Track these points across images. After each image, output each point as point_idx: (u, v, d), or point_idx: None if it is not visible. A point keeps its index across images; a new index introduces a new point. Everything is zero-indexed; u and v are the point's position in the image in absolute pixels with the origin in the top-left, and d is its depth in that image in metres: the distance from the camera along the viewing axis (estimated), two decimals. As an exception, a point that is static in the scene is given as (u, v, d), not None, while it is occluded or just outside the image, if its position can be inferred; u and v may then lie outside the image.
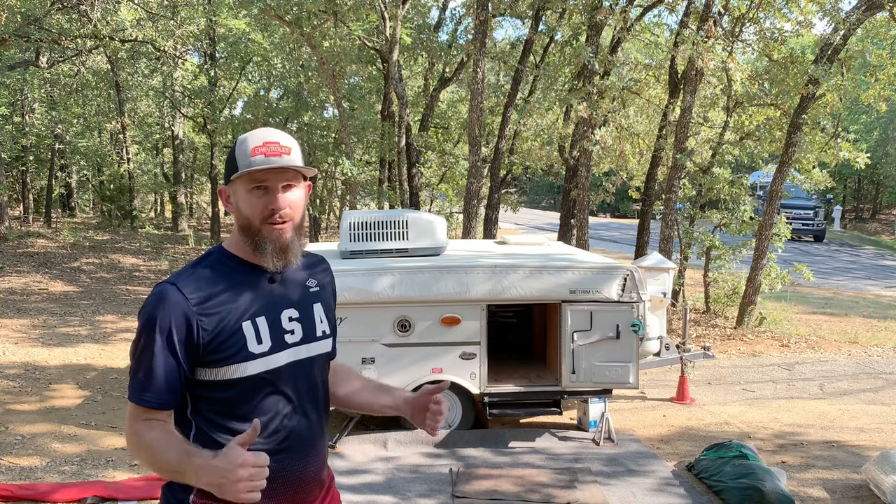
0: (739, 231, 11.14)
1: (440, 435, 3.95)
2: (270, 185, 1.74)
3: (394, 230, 6.02)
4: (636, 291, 5.73)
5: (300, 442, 1.82)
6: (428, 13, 16.74)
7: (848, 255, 21.39)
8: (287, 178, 1.76)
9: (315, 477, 1.88)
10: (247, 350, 1.74)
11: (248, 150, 1.74)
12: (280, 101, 23.08)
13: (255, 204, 1.74)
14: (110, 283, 13.82)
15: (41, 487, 4.64)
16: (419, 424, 1.94)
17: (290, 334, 1.82)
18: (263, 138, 1.75)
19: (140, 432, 1.69)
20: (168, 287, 1.72)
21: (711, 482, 4.87)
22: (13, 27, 14.27)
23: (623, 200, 29.27)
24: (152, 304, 1.71)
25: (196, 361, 1.72)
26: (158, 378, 1.69)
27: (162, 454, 1.65)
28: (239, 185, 1.76)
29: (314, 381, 1.89)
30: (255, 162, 1.72)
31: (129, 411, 1.74)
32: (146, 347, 1.69)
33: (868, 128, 29.23)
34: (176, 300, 1.69)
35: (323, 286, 1.97)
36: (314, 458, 1.87)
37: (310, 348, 1.86)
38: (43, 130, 21.28)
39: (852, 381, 8.02)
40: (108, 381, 7.41)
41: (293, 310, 1.84)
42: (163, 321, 1.68)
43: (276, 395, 1.79)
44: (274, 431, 1.78)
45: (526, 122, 13.85)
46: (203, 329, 1.70)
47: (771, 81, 11.11)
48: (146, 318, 1.70)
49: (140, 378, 1.70)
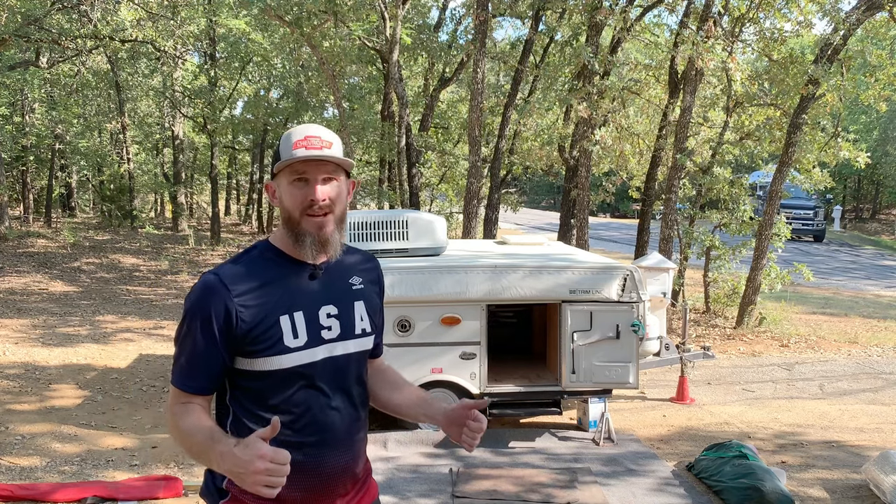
0: (739, 231, 11.14)
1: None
2: (310, 176, 1.78)
3: (394, 230, 6.02)
4: (636, 291, 5.74)
5: (332, 436, 1.84)
6: (428, 13, 16.75)
7: (848, 255, 21.40)
8: (327, 170, 1.79)
9: (348, 471, 1.89)
10: (282, 343, 1.77)
11: (290, 143, 1.78)
12: (280, 101, 23.10)
13: (296, 195, 1.78)
14: (110, 283, 13.83)
15: (41, 487, 4.64)
16: (454, 438, 1.94)
17: (328, 330, 1.84)
18: (305, 132, 1.80)
19: (178, 414, 1.76)
20: (211, 277, 1.77)
21: (711, 482, 4.87)
22: (13, 27, 14.28)
23: (623, 200, 29.28)
24: (196, 293, 1.77)
25: (235, 350, 1.77)
26: (198, 365, 1.76)
27: (192, 437, 1.71)
28: (282, 178, 1.80)
29: (350, 377, 1.90)
30: (296, 154, 1.77)
31: (170, 394, 1.81)
32: (188, 334, 1.76)
33: (868, 128, 29.23)
34: (217, 290, 1.75)
35: (367, 284, 1.99)
36: (347, 453, 1.88)
37: (346, 345, 1.88)
38: (43, 130, 21.27)
39: (852, 381, 8.02)
40: (108, 381, 7.41)
41: (332, 306, 1.86)
42: (204, 310, 1.74)
43: (309, 388, 1.81)
44: (306, 424, 1.80)
45: (526, 122, 13.85)
46: (242, 320, 1.74)
47: (771, 81, 11.11)
48: (189, 306, 1.77)
49: (182, 363, 1.78)
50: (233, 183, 32.99)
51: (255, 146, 25.51)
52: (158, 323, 10.43)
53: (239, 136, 25.76)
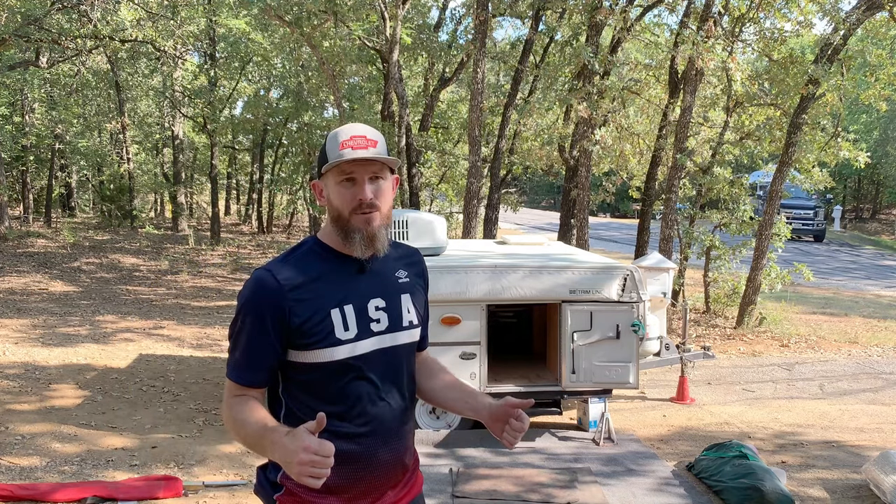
0: (739, 231, 11.15)
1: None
2: (358, 176, 1.83)
3: (394, 230, 6.02)
4: (636, 291, 5.73)
5: (383, 427, 1.88)
6: (428, 13, 16.75)
7: (848, 255, 21.40)
8: (373, 169, 1.84)
9: (398, 461, 1.93)
10: (334, 336, 1.82)
11: (337, 144, 1.83)
12: (280, 101, 23.10)
13: (345, 195, 1.83)
14: (110, 283, 13.83)
15: (41, 487, 4.64)
16: (496, 434, 1.96)
17: (377, 323, 1.89)
18: (351, 133, 1.84)
19: (233, 406, 1.81)
20: (264, 273, 1.82)
21: (711, 482, 4.87)
22: (13, 27, 14.28)
23: (623, 200, 29.29)
24: (250, 288, 1.82)
25: (288, 343, 1.82)
26: (253, 358, 1.81)
27: (246, 428, 1.75)
28: (330, 177, 1.85)
29: (399, 368, 1.94)
30: (343, 155, 1.81)
31: (226, 388, 1.86)
32: (242, 329, 1.81)
33: (868, 127, 29.23)
34: (271, 285, 1.80)
35: (413, 277, 2.04)
36: (397, 443, 1.92)
37: (395, 337, 1.92)
38: (43, 130, 21.28)
39: (852, 381, 8.02)
40: (108, 381, 7.41)
41: (380, 299, 1.91)
42: (258, 305, 1.79)
43: (360, 380, 1.85)
44: (357, 415, 1.85)
45: (526, 122, 13.85)
46: (294, 314, 1.79)
47: (771, 81, 11.11)
48: (244, 301, 1.82)
49: (236, 357, 1.83)
50: (233, 183, 32.99)
51: (255, 146, 25.52)
52: (158, 323, 10.43)
53: (239, 136, 25.77)
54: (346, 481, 1.83)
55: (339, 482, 1.82)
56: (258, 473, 1.95)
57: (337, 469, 1.79)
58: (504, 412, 1.93)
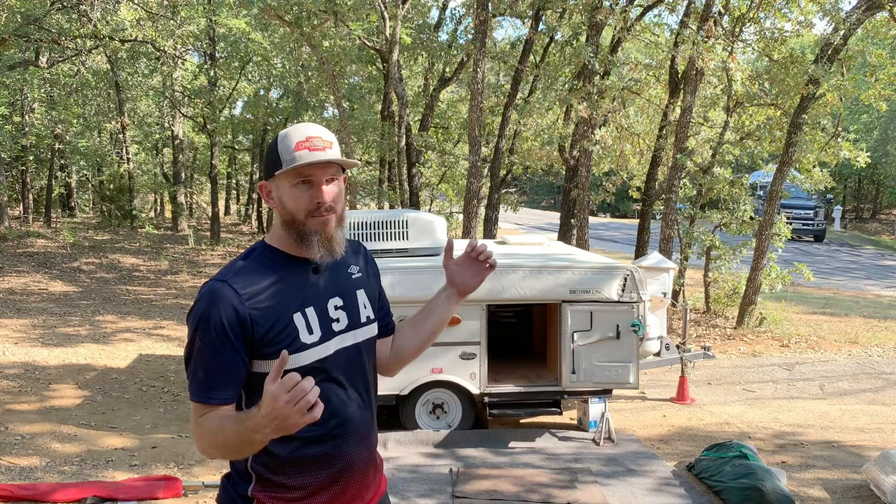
0: (739, 231, 11.14)
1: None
2: (315, 179, 1.77)
3: (394, 230, 6.02)
4: (636, 291, 5.73)
5: (354, 426, 1.86)
6: (428, 13, 16.74)
7: (848, 255, 21.39)
8: (330, 171, 1.79)
9: (370, 459, 1.92)
10: (299, 341, 1.76)
11: (291, 145, 1.75)
12: (280, 101, 23.09)
13: (300, 198, 1.77)
14: (110, 283, 13.82)
15: (41, 487, 4.64)
16: (475, 280, 2.03)
17: (337, 322, 1.85)
18: (305, 133, 1.77)
19: (203, 423, 1.70)
20: (218, 284, 1.73)
21: (711, 482, 4.87)
22: (13, 27, 14.27)
23: (623, 200, 29.29)
24: (204, 302, 1.71)
25: (252, 354, 1.74)
26: (219, 373, 1.70)
27: (222, 435, 1.66)
28: (283, 179, 1.78)
29: (362, 366, 1.92)
30: (300, 157, 1.74)
31: (192, 412, 1.74)
32: (203, 346, 1.70)
33: (868, 127, 29.22)
34: (228, 296, 1.71)
35: (364, 270, 2.01)
36: (367, 441, 1.91)
37: (356, 334, 1.90)
38: (43, 130, 21.27)
39: (852, 381, 8.02)
40: (107, 381, 7.40)
41: (338, 298, 1.88)
42: (217, 317, 1.69)
43: (327, 382, 1.81)
44: (329, 418, 1.80)
45: (526, 122, 13.84)
46: (256, 323, 1.72)
47: (771, 81, 11.11)
48: (200, 317, 1.70)
49: (200, 378, 1.71)
50: (232, 183, 33.00)
51: (255, 146, 25.52)
52: (158, 323, 10.43)
53: (239, 136, 25.77)
54: (322, 485, 1.80)
55: (315, 487, 1.79)
56: (222, 483, 1.87)
57: (312, 473, 1.79)
58: (460, 264, 2.02)
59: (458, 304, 2.10)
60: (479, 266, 2.04)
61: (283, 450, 1.76)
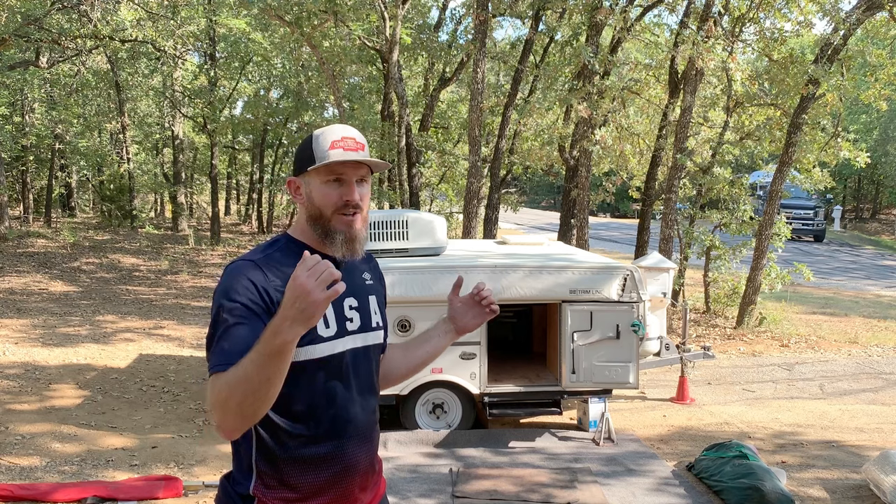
0: (739, 231, 11.14)
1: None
2: (347, 177, 1.81)
3: (394, 230, 6.02)
4: (636, 291, 5.73)
5: (356, 427, 1.86)
6: (428, 13, 16.75)
7: (848, 255, 21.39)
8: (362, 172, 1.84)
9: (370, 461, 1.93)
10: (315, 332, 1.76)
11: (326, 143, 1.80)
12: (280, 101, 23.10)
13: (330, 195, 1.80)
14: (110, 283, 13.82)
15: (41, 487, 4.64)
16: (475, 322, 2.09)
17: (350, 322, 1.87)
18: (342, 133, 1.82)
19: (222, 377, 1.59)
20: (245, 262, 1.74)
21: (711, 482, 4.87)
22: (13, 27, 14.27)
23: (623, 200, 29.25)
24: (233, 275, 1.71)
25: None
26: (242, 344, 1.60)
27: (242, 367, 1.55)
28: (314, 176, 1.81)
29: (369, 369, 1.94)
30: (334, 155, 1.78)
31: (210, 384, 1.63)
32: (228, 318, 1.65)
33: (868, 127, 29.21)
34: (255, 273, 1.71)
35: (375, 280, 2.04)
36: (369, 444, 1.92)
37: (366, 337, 1.91)
38: (43, 130, 21.27)
39: (852, 381, 8.02)
40: (108, 381, 7.40)
41: (353, 298, 1.89)
42: (245, 292, 1.67)
43: (335, 380, 1.82)
44: (333, 417, 1.82)
45: (526, 122, 13.84)
46: (278, 303, 1.63)
47: (771, 81, 11.11)
48: (228, 292, 1.68)
49: (222, 347, 1.62)
50: (233, 183, 33.01)
51: (255, 146, 25.53)
52: (158, 323, 10.43)
53: (239, 136, 25.78)
54: (323, 485, 1.80)
55: (315, 486, 1.80)
56: (221, 483, 1.86)
57: (313, 473, 1.79)
58: (464, 304, 2.07)
59: (455, 340, 2.14)
60: (480, 309, 2.10)
61: (285, 449, 1.77)
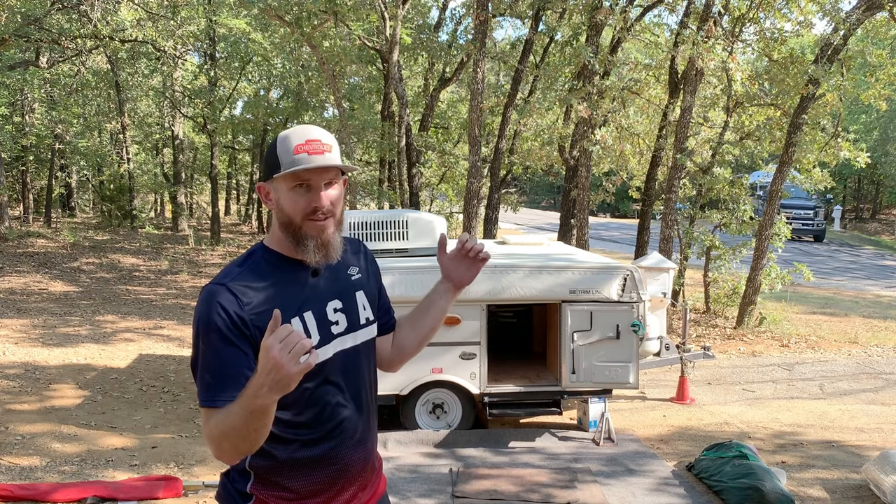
0: (739, 231, 11.14)
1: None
2: (314, 183, 1.75)
3: (394, 230, 6.02)
4: (636, 291, 5.73)
5: (350, 429, 1.86)
6: (428, 13, 16.76)
7: (848, 255, 21.40)
8: (329, 176, 1.77)
9: (367, 461, 1.92)
10: None
11: (290, 147, 1.74)
12: (280, 101, 23.10)
13: (298, 201, 1.75)
14: (110, 283, 13.82)
15: (41, 487, 4.64)
16: (470, 274, 2.06)
17: (336, 325, 1.85)
18: (305, 136, 1.75)
19: (212, 425, 1.63)
20: (217, 287, 1.71)
21: (711, 482, 4.87)
22: (13, 27, 14.27)
23: (623, 200, 29.26)
24: (205, 306, 1.70)
25: (255, 357, 1.66)
26: (227, 374, 1.65)
27: (229, 417, 1.58)
28: (281, 182, 1.76)
29: (361, 368, 1.92)
30: (299, 160, 1.72)
31: (202, 418, 1.69)
32: (207, 347, 1.68)
33: (868, 127, 29.22)
34: (228, 299, 1.69)
35: (364, 270, 2.01)
36: (365, 443, 1.91)
37: (355, 337, 1.90)
38: (43, 130, 21.27)
39: (852, 381, 8.02)
40: (108, 381, 7.41)
41: (337, 300, 1.87)
42: (216, 319, 1.67)
43: (325, 385, 1.81)
44: (326, 420, 1.81)
45: (526, 122, 13.85)
46: (255, 326, 1.69)
47: (771, 81, 11.11)
48: (203, 320, 1.68)
49: (207, 381, 1.66)
50: (233, 183, 33.02)
51: (255, 146, 25.52)
52: (158, 323, 10.43)
53: (239, 136, 25.77)
54: (319, 486, 1.81)
55: (312, 488, 1.80)
56: (221, 480, 1.87)
57: (309, 475, 1.79)
58: (454, 259, 2.04)
59: (455, 297, 2.13)
60: (472, 260, 2.05)
61: (281, 452, 1.77)
